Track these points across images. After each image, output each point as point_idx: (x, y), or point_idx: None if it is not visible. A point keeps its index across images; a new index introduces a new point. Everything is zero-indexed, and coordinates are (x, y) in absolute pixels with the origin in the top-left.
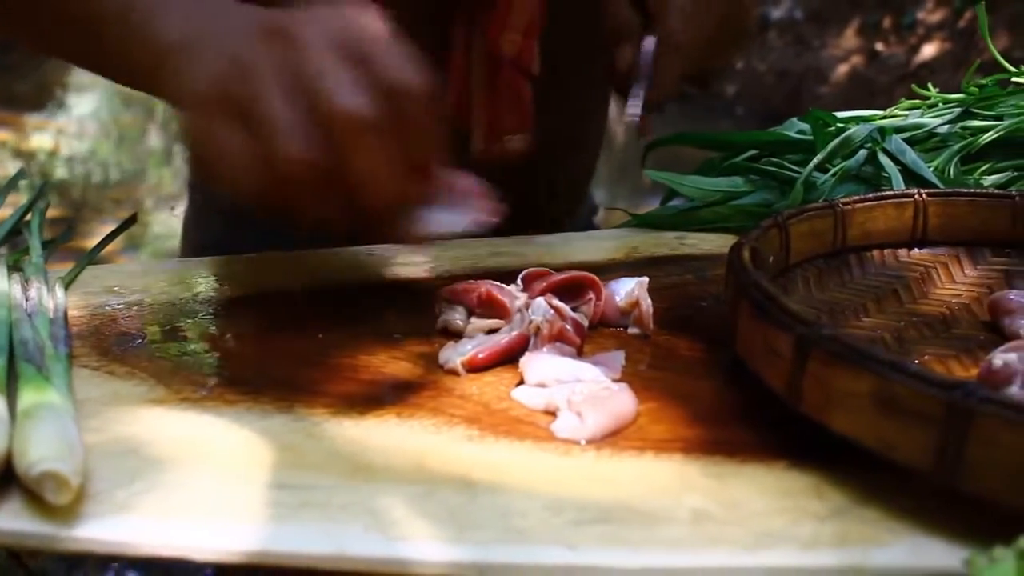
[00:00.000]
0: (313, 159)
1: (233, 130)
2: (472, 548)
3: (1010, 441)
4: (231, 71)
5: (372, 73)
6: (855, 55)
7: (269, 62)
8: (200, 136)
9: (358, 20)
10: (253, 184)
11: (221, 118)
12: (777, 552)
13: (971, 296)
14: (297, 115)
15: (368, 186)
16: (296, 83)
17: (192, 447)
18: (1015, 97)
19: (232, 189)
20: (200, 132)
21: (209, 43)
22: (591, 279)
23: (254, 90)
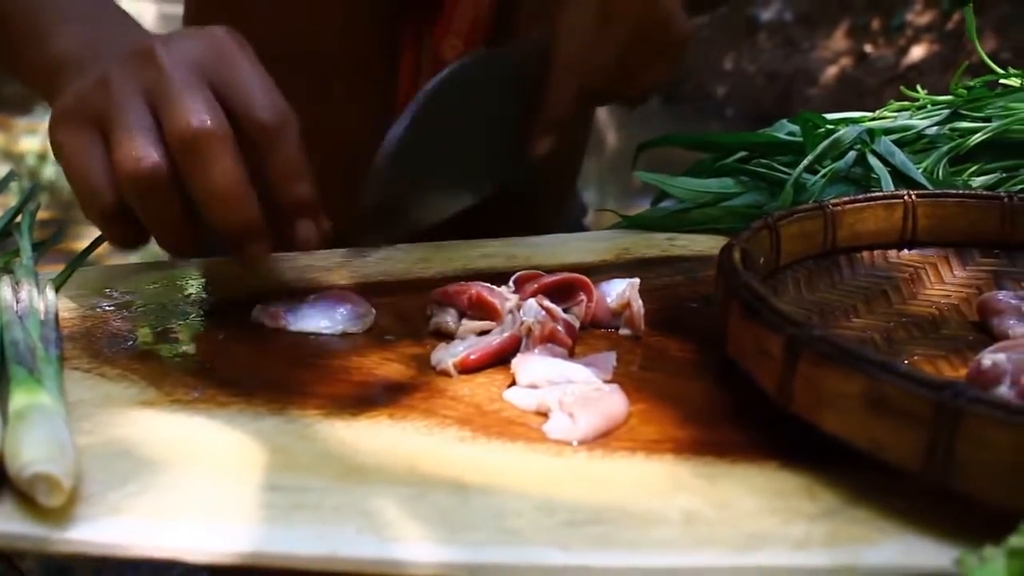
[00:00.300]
0: (155, 165)
1: (86, 141)
2: (465, 549)
3: (999, 440)
4: (94, 87)
5: (227, 95)
6: (844, 57)
7: (130, 80)
8: (58, 147)
9: (222, 45)
10: (100, 194)
11: (76, 129)
12: (768, 552)
13: (960, 297)
14: (145, 127)
15: (210, 201)
16: (151, 99)
17: (184, 449)
18: (1003, 99)
19: (83, 202)
20: (57, 144)
21: (96, 60)
22: (582, 280)
23: (110, 104)
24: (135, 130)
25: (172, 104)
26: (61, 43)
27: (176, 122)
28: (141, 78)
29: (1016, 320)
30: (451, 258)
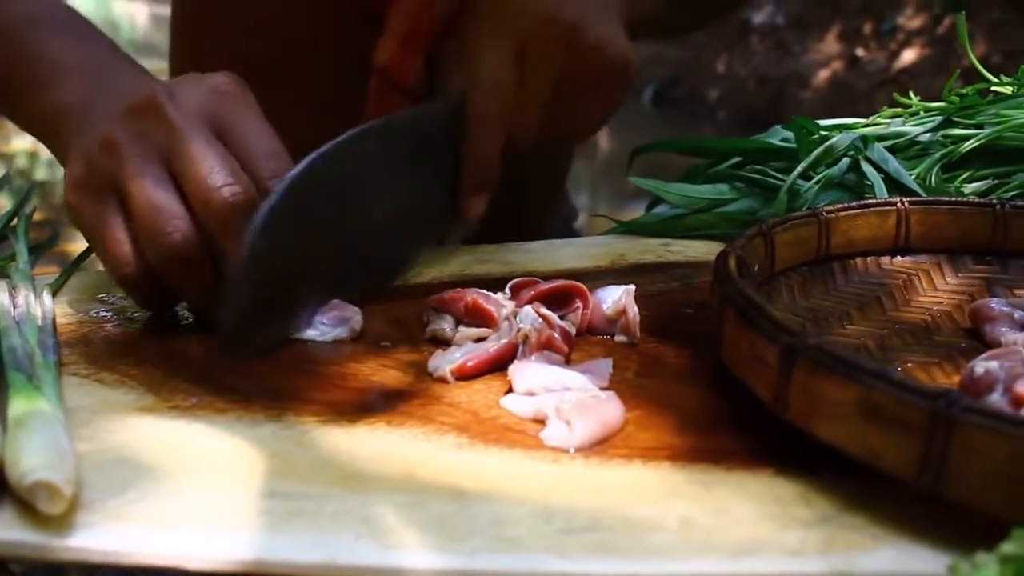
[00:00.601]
0: (185, 239)
1: (105, 210)
2: (463, 556)
3: (992, 449)
4: (103, 150)
5: (231, 147)
6: (836, 60)
7: (139, 139)
8: (75, 217)
9: (226, 95)
10: (124, 264)
11: (93, 198)
12: (763, 559)
13: (953, 303)
14: (167, 194)
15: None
16: (164, 157)
17: (183, 456)
18: (995, 106)
19: (108, 270)
20: (75, 213)
21: (97, 109)
22: (578, 288)
23: (123, 168)
24: (156, 199)
25: (194, 169)
26: (61, 92)
27: (206, 193)
28: (150, 135)
29: (1008, 327)
30: (446, 263)
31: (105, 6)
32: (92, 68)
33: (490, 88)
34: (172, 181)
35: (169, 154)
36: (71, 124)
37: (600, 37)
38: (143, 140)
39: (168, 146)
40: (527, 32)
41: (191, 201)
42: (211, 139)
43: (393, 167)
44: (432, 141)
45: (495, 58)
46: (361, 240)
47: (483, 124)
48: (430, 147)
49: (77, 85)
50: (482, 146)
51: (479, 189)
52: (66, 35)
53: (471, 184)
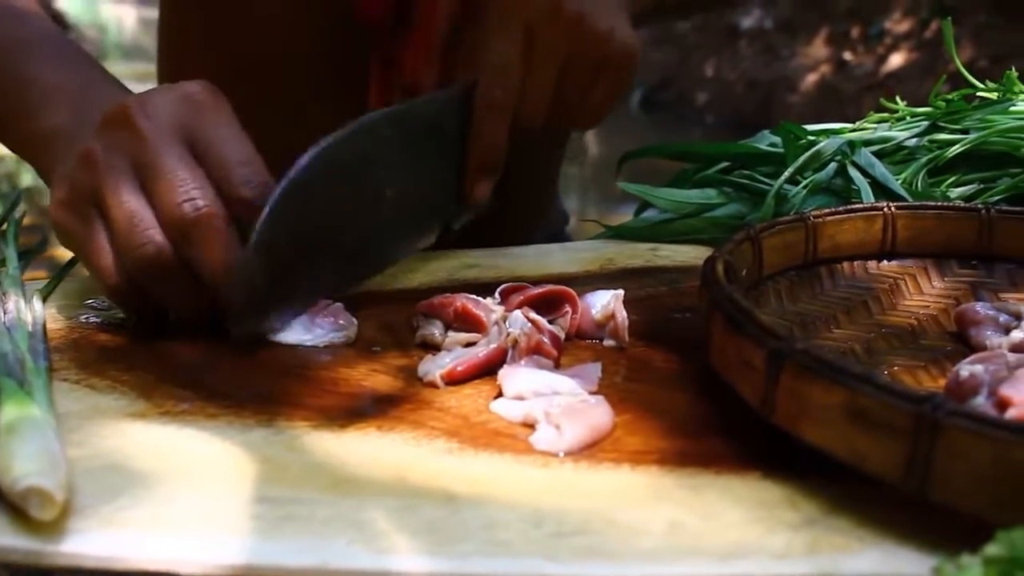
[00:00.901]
0: (157, 250)
1: (87, 225)
2: (454, 560)
3: (977, 453)
4: (81, 165)
5: (205, 160)
6: (824, 64)
7: (113, 152)
8: (61, 234)
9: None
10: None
11: (75, 214)
12: (750, 561)
13: (939, 307)
14: (139, 207)
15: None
16: (138, 171)
17: (175, 461)
18: (980, 111)
19: (97, 283)
20: (61, 230)
21: (81, 133)
22: (568, 293)
23: (99, 184)
24: (130, 211)
25: (160, 183)
26: (50, 117)
27: (169, 208)
28: (123, 147)
29: (993, 331)
30: (436, 268)
31: (93, 10)
32: (80, 93)
33: (497, 73)
34: (143, 195)
35: (140, 166)
36: (57, 147)
37: (607, 26)
38: (117, 152)
39: (138, 158)
40: (535, 19)
41: (157, 214)
42: (180, 151)
43: (406, 151)
44: (442, 126)
45: (503, 44)
46: (373, 220)
47: (490, 109)
48: (440, 132)
49: (65, 110)
50: (488, 130)
51: (485, 172)
52: (56, 60)
53: (477, 167)
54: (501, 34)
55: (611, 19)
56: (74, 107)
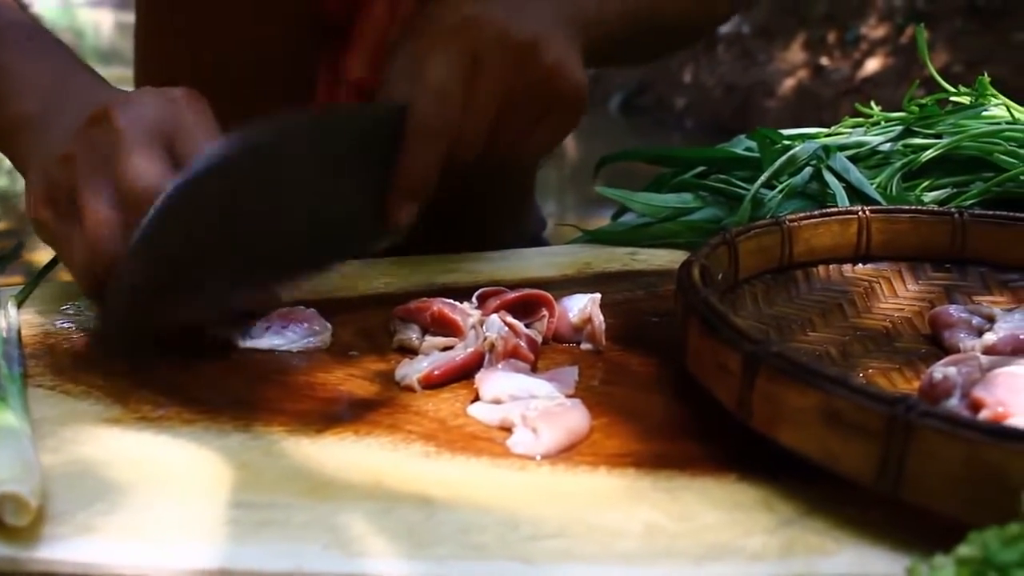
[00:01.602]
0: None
1: (64, 222)
2: (430, 564)
3: (949, 453)
4: (60, 164)
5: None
6: (801, 69)
7: (92, 151)
8: (39, 230)
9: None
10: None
11: (53, 211)
12: (726, 564)
13: (913, 310)
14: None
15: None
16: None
17: (150, 467)
18: (954, 116)
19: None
20: (39, 226)
21: (55, 121)
22: (544, 297)
23: (76, 183)
24: (101, 211)
25: (129, 185)
26: (22, 104)
27: (134, 209)
28: (101, 146)
29: (966, 333)
30: (413, 273)
31: (70, 14)
32: (53, 80)
33: (434, 99)
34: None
35: (117, 169)
36: (30, 135)
37: (556, 60)
38: (95, 151)
39: (117, 161)
40: (480, 45)
41: (129, 221)
42: (154, 153)
43: (325, 164)
44: (370, 143)
45: (444, 68)
46: (276, 236)
47: (422, 135)
48: (368, 149)
49: (38, 97)
50: (418, 157)
51: (409, 199)
52: (29, 48)
53: (402, 193)
54: (443, 56)
55: (561, 53)
56: (47, 95)
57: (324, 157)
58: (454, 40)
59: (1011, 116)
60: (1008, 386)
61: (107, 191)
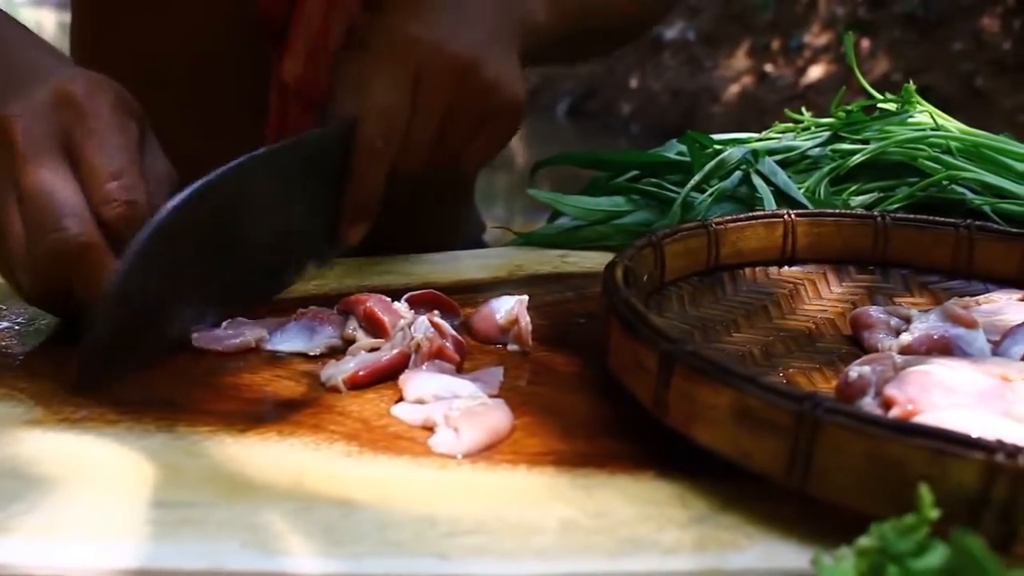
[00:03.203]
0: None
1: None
2: (347, 561)
3: (853, 448)
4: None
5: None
6: (745, 76)
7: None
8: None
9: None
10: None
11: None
12: (639, 558)
13: (836, 311)
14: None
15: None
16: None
17: (71, 468)
18: (880, 122)
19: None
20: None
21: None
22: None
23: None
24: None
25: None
26: None
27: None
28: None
29: (885, 333)
30: (346, 275)
31: (13, 13)
32: None
33: (379, 118)
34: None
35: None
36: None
37: (494, 74)
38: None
39: (14, 176)
40: (421, 63)
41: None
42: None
43: (276, 193)
44: (319, 164)
45: (386, 86)
46: (238, 265)
47: (369, 153)
48: (316, 170)
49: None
50: (366, 174)
51: (359, 217)
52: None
53: (352, 211)
54: (385, 75)
55: (500, 67)
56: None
57: (280, 185)
58: (399, 59)
59: (935, 123)
60: (919, 384)
61: (15, 205)
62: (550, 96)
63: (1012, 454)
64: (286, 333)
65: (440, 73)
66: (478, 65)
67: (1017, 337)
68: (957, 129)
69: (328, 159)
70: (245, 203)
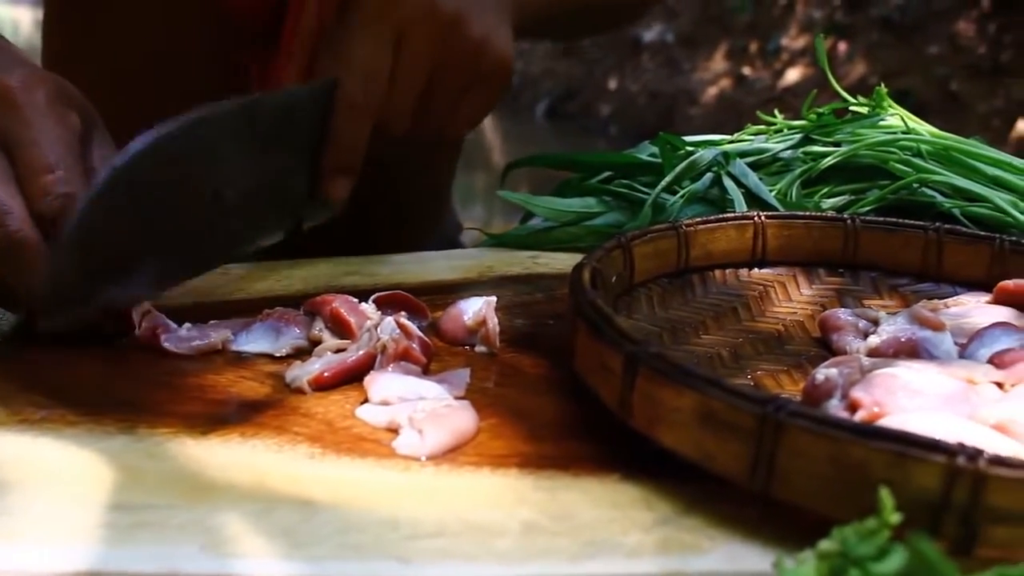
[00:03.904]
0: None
1: None
2: (307, 564)
3: (815, 451)
4: None
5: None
6: (724, 78)
7: None
8: None
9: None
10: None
11: None
12: (602, 561)
13: (805, 314)
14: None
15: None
16: None
17: (28, 469)
18: (851, 125)
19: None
20: None
21: None
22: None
23: None
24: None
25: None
26: None
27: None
28: None
29: (853, 336)
30: (314, 275)
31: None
32: None
33: (361, 75)
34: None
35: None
36: None
37: (482, 34)
38: None
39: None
40: (406, 20)
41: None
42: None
43: (254, 146)
44: (298, 122)
45: (370, 45)
46: (210, 215)
47: (350, 111)
48: (296, 128)
49: None
50: (347, 131)
51: (341, 172)
52: None
53: (333, 167)
54: (369, 33)
55: (488, 27)
56: None
57: (254, 139)
58: (380, 17)
59: (906, 126)
60: (885, 387)
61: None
62: (529, 97)
63: (972, 457)
64: (251, 334)
65: (425, 31)
66: (465, 24)
67: (984, 340)
68: (928, 132)
69: (308, 116)
70: (211, 155)
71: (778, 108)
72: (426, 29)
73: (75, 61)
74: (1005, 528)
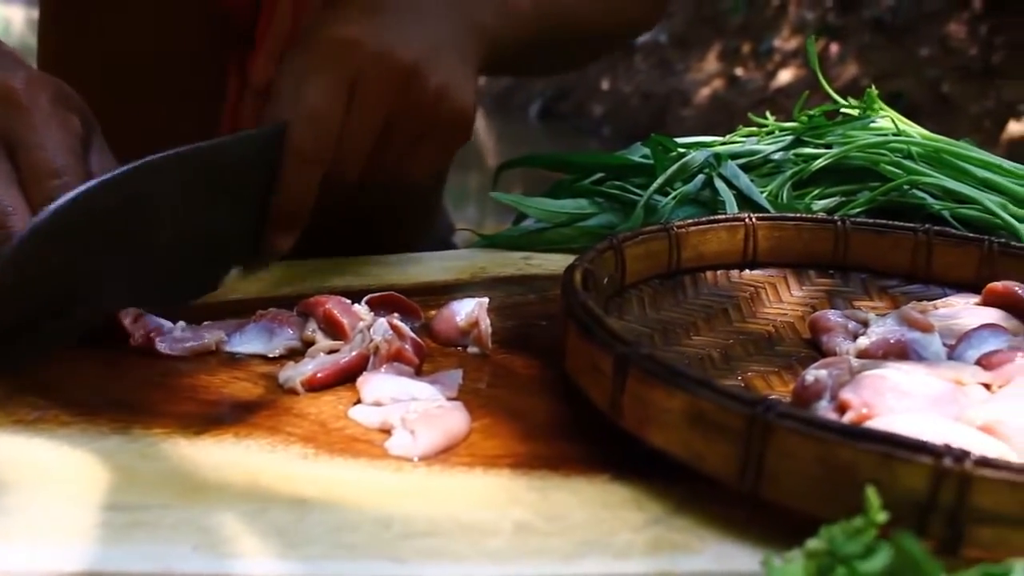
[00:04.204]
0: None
1: None
2: (300, 563)
3: (804, 452)
4: None
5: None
6: (716, 79)
7: None
8: None
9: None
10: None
11: None
12: (592, 561)
13: (796, 315)
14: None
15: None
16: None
17: (23, 470)
18: (842, 127)
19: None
20: None
21: None
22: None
23: None
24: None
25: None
26: None
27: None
28: None
29: (843, 337)
30: (305, 276)
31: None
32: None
33: (310, 122)
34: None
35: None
36: None
37: (441, 83)
38: None
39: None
40: (360, 67)
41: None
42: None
43: (197, 194)
44: (246, 169)
45: (320, 90)
46: (146, 263)
47: (298, 159)
48: (243, 175)
49: None
50: (295, 181)
51: (287, 225)
52: None
53: (280, 218)
54: (320, 78)
55: (448, 75)
56: None
57: (198, 187)
58: (333, 63)
59: (896, 128)
60: (874, 388)
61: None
62: (522, 98)
63: (959, 459)
64: (245, 335)
65: (379, 79)
66: (423, 72)
67: (972, 341)
68: (918, 135)
69: (257, 163)
70: (158, 200)
71: (770, 109)
72: (382, 76)
73: (70, 61)
74: (991, 529)
